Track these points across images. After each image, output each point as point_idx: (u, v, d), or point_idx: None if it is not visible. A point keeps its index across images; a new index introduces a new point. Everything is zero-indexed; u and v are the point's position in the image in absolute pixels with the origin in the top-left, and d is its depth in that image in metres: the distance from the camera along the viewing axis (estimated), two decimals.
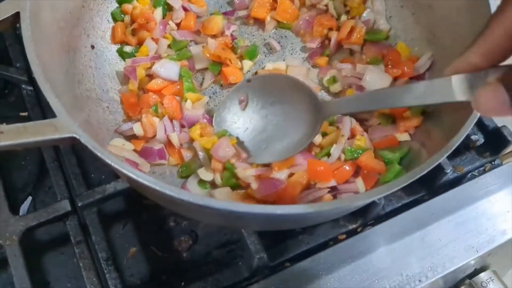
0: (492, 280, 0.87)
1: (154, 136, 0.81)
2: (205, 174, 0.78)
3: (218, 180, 0.78)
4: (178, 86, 0.86)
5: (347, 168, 0.76)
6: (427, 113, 0.80)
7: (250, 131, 0.82)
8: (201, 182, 0.79)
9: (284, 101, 0.80)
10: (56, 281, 0.82)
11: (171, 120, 0.82)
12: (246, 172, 0.76)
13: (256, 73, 0.92)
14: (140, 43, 0.90)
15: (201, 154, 0.79)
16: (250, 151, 0.80)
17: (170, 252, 0.84)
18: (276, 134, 0.80)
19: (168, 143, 0.82)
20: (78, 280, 0.80)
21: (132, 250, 0.84)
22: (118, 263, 0.82)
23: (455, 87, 0.58)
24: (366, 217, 0.84)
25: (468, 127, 0.63)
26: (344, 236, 0.84)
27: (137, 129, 0.80)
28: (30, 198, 0.89)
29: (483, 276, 0.87)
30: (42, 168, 0.89)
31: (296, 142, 0.77)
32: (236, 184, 0.77)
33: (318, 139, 0.82)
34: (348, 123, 0.80)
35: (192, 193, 0.55)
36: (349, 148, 0.78)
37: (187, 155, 0.82)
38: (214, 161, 0.78)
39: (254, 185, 0.75)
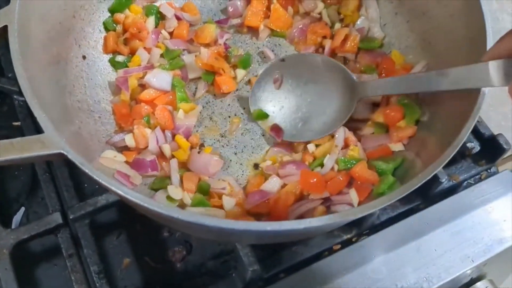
0: None
1: (146, 147, 0.81)
2: (175, 192, 0.77)
3: (187, 200, 0.76)
4: (171, 96, 0.86)
5: (340, 178, 0.75)
6: (421, 122, 0.79)
7: (286, 110, 0.84)
8: (170, 197, 0.77)
9: (318, 80, 0.82)
10: None
11: (163, 130, 0.82)
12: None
13: (249, 81, 0.92)
14: (132, 53, 0.89)
15: (174, 171, 0.78)
16: (285, 129, 0.83)
17: (164, 263, 0.83)
18: (312, 112, 0.82)
19: (160, 154, 0.81)
20: None
21: (125, 261, 0.83)
22: (112, 275, 0.81)
23: (492, 73, 0.58)
24: (361, 227, 0.84)
25: (462, 138, 0.63)
26: (339, 246, 0.83)
27: (129, 140, 0.79)
28: (23, 208, 0.88)
29: (479, 285, 0.86)
30: (35, 179, 0.89)
31: (332, 120, 0.80)
32: (207, 203, 0.76)
33: (312, 147, 0.81)
34: (342, 133, 0.79)
35: (182, 210, 0.55)
36: (342, 158, 0.78)
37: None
38: (186, 181, 0.77)
39: (227, 205, 0.75)
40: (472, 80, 0.62)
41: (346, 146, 0.80)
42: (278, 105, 0.85)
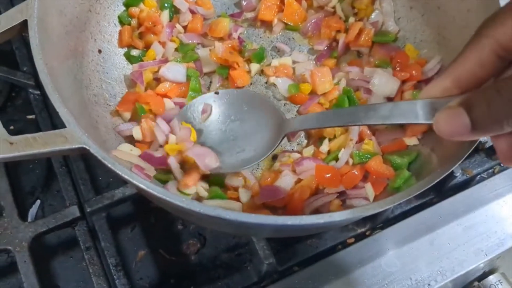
0: (501, 282, 0.87)
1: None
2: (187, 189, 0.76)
3: (203, 193, 0.75)
4: (183, 88, 0.86)
5: (356, 172, 0.75)
6: None
7: (207, 143, 0.80)
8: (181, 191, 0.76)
9: (246, 119, 0.81)
10: (66, 284, 0.82)
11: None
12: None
13: (262, 71, 0.92)
14: (147, 47, 0.89)
15: (176, 170, 0.76)
16: None
17: (179, 256, 0.84)
18: (233, 149, 0.79)
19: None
20: (87, 283, 0.80)
21: (140, 253, 0.84)
22: (127, 267, 0.82)
23: (419, 110, 0.59)
24: (374, 220, 0.84)
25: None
26: (352, 240, 0.84)
27: (136, 133, 0.79)
28: (38, 201, 0.89)
29: (491, 278, 0.87)
30: (50, 172, 0.89)
31: (253, 155, 0.77)
32: (223, 196, 0.75)
33: (325, 148, 0.82)
34: (357, 127, 0.79)
35: (203, 204, 0.55)
36: (357, 152, 0.78)
37: None
38: (187, 177, 0.75)
39: (243, 198, 0.75)
40: (400, 116, 0.62)
41: (360, 139, 0.80)
42: (201, 137, 0.81)
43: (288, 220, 0.54)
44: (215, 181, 0.78)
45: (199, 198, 0.75)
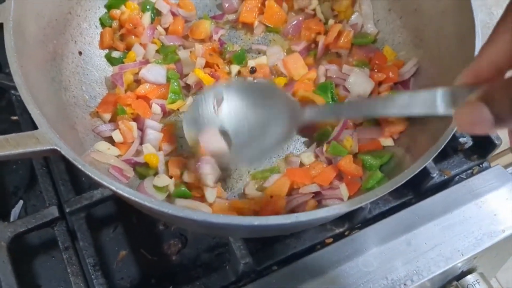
0: (478, 282, 0.87)
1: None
2: (160, 181, 0.77)
3: (171, 188, 0.77)
4: (163, 89, 0.86)
5: (324, 166, 0.77)
6: (412, 117, 0.80)
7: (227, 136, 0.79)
8: (157, 186, 0.78)
9: (260, 106, 0.78)
10: (47, 284, 0.83)
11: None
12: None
13: (239, 72, 0.92)
14: (128, 49, 0.90)
15: (161, 163, 0.79)
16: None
17: (160, 256, 0.85)
18: (248, 140, 0.77)
19: None
20: (68, 284, 0.80)
21: (122, 253, 0.84)
22: (108, 267, 0.83)
23: (439, 101, 0.56)
24: (353, 221, 0.85)
25: (449, 134, 0.64)
26: (331, 240, 0.84)
27: (117, 136, 0.80)
28: (21, 202, 0.89)
29: (469, 278, 0.88)
30: (34, 172, 0.90)
31: (270, 147, 0.76)
32: (189, 195, 0.76)
33: (307, 159, 0.82)
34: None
35: (171, 205, 0.56)
36: (334, 143, 0.79)
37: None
38: (172, 167, 0.77)
39: (209, 197, 0.76)
40: (419, 106, 0.59)
41: (346, 127, 0.81)
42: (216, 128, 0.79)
43: (255, 221, 0.54)
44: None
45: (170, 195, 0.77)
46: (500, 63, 0.52)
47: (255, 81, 0.88)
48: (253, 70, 0.89)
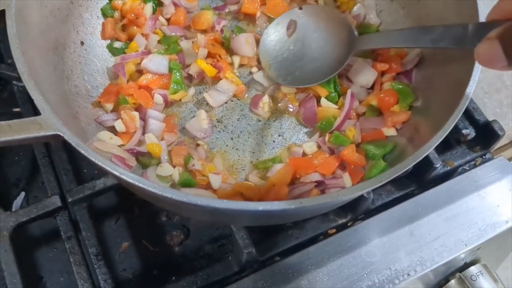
0: (482, 273, 0.87)
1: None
2: (164, 170, 0.78)
3: (176, 177, 0.77)
4: (165, 79, 0.86)
5: (326, 155, 0.78)
6: (415, 107, 0.80)
7: (290, 57, 0.87)
8: (160, 176, 0.78)
9: (324, 31, 0.86)
10: (49, 275, 0.83)
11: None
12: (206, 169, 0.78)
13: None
14: (130, 39, 0.90)
15: (163, 152, 0.80)
16: (280, 75, 0.86)
17: (162, 247, 0.85)
18: (311, 61, 0.85)
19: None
20: (71, 275, 0.80)
21: (124, 244, 0.84)
22: (110, 258, 0.82)
23: (470, 35, 0.59)
24: (355, 211, 0.84)
25: (452, 123, 0.64)
26: (334, 230, 0.84)
27: (119, 126, 0.80)
28: (23, 193, 0.89)
29: (473, 269, 0.87)
30: (36, 163, 0.90)
31: (327, 70, 0.83)
32: (194, 183, 0.77)
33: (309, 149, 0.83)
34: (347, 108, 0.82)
35: (175, 191, 0.55)
36: (337, 133, 0.79)
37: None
38: (175, 156, 0.78)
39: (214, 183, 0.76)
40: (450, 39, 0.63)
41: (348, 117, 0.82)
42: (285, 52, 0.87)
43: (259, 206, 0.54)
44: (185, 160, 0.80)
45: (174, 183, 0.77)
46: None
47: (323, 6, 0.94)
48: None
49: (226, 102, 0.89)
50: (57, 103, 0.69)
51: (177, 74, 0.86)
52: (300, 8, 0.88)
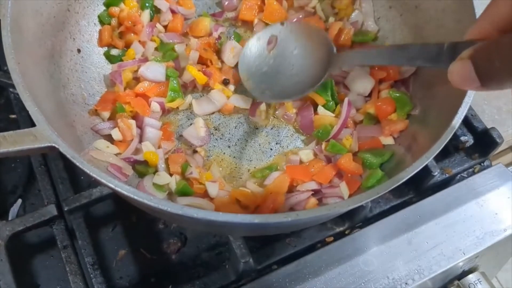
0: (480, 281, 0.87)
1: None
2: (161, 179, 0.78)
3: (173, 185, 0.77)
4: (162, 87, 0.86)
5: (323, 164, 0.77)
6: (412, 116, 0.80)
7: (268, 73, 0.86)
8: (156, 184, 0.78)
9: (304, 48, 0.85)
10: (46, 283, 0.82)
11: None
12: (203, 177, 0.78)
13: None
14: (127, 46, 0.90)
15: (161, 160, 0.79)
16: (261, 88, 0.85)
17: (159, 255, 0.84)
18: (289, 77, 0.84)
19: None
20: (67, 283, 0.79)
21: (121, 252, 0.84)
22: (107, 266, 0.82)
23: (444, 54, 0.58)
24: (353, 219, 0.84)
25: (450, 133, 0.63)
26: (331, 238, 0.84)
27: (116, 134, 0.80)
28: (20, 200, 0.89)
29: (471, 277, 0.87)
30: (32, 171, 0.89)
31: (304, 86, 0.82)
32: (191, 192, 0.77)
33: (306, 157, 0.82)
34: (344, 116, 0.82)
35: (171, 203, 0.55)
36: (333, 141, 0.79)
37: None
38: (172, 164, 0.78)
39: (212, 192, 0.76)
40: (425, 57, 0.62)
41: (345, 126, 0.82)
42: (264, 66, 0.86)
43: (255, 219, 0.54)
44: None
45: (171, 192, 0.77)
46: (502, 24, 0.51)
47: (305, 23, 0.93)
48: None
49: (210, 114, 0.89)
50: (53, 112, 0.69)
51: (174, 81, 0.86)
52: (282, 24, 0.87)
